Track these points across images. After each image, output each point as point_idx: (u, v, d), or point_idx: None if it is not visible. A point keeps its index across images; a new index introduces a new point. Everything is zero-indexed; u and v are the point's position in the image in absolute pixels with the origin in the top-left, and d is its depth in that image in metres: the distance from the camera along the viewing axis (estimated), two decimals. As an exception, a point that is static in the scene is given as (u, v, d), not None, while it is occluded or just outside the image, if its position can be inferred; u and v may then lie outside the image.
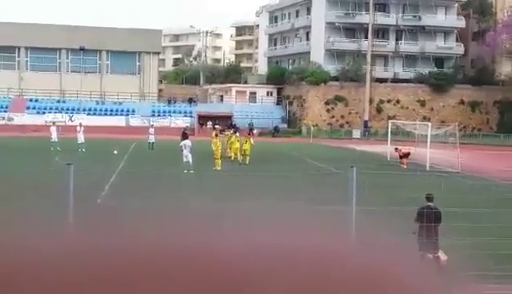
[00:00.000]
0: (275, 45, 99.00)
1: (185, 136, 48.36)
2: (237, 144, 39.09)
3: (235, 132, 43.88)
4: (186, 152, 33.26)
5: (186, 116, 79.74)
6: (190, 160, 32.76)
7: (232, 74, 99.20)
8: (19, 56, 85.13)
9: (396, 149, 40.05)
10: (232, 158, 38.79)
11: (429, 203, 13.72)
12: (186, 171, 31.46)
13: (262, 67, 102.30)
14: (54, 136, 45.79)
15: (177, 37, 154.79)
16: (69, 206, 10.75)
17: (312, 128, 72.78)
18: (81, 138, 45.43)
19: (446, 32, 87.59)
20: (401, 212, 14.14)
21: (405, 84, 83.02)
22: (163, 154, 41.16)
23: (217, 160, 34.73)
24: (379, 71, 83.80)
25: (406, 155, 38.88)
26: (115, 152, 39.68)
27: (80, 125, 47.67)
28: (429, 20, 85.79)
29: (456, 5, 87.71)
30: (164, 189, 22.64)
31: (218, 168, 33.91)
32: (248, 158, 37.82)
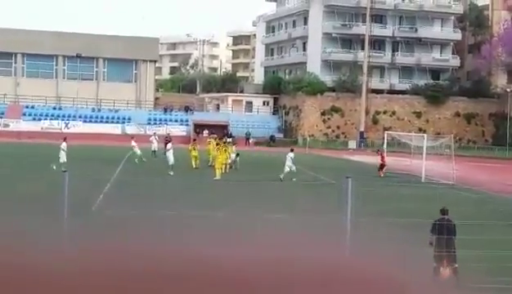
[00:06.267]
0: (271, 55, 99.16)
1: (167, 143, 48.35)
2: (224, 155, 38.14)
3: (225, 141, 43.94)
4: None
5: (182, 124, 79.75)
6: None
7: (229, 83, 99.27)
8: (15, 63, 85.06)
9: (378, 150, 40.85)
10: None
11: (444, 216, 13.66)
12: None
13: (258, 76, 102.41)
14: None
15: (173, 45, 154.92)
16: (64, 212, 10.76)
17: (307, 138, 72.82)
18: None
19: (442, 44, 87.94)
20: (397, 223, 14.17)
21: (401, 95, 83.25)
22: (160, 163, 41.09)
23: (217, 170, 34.63)
24: (376, 82, 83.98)
25: (382, 166, 39.52)
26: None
27: None
28: (426, 32, 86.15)
29: (453, 17, 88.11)
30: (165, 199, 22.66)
31: (218, 177, 33.78)
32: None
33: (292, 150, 36.92)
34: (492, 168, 49.80)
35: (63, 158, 34.72)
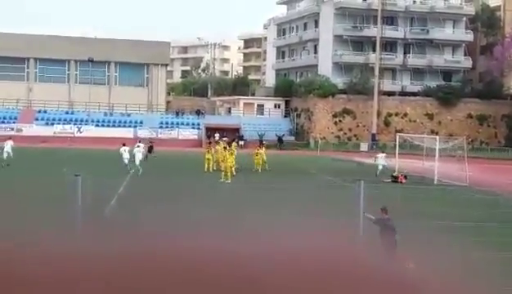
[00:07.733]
0: (283, 57, 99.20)
1: (151, 149, 48.09)
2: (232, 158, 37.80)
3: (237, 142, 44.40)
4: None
5: (193, 128, 79.93)
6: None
7: (240, 86, 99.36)
8: (28, 68, 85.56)
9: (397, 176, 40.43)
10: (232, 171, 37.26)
11: (385, 215, 14.11)
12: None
13: (269, 79, 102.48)
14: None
15: (185, 49, 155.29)
16: (78, 215, 10.83)
17: (319, 141, 72.71)
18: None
19: (454, 45, 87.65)
20: (409, 225, 14.15)
21: (413, 97, 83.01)
22: (164, 165, 41.22)
23: (227, 173, 34.71)
24: (387, 84, 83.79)
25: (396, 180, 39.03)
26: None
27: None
28: (437, 33, 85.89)
29: (464, 19, 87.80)
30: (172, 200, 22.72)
31: (228, 181, 33.86)
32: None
33: (383, 152, 42.17)
34: (506, 170, 49.53)
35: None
